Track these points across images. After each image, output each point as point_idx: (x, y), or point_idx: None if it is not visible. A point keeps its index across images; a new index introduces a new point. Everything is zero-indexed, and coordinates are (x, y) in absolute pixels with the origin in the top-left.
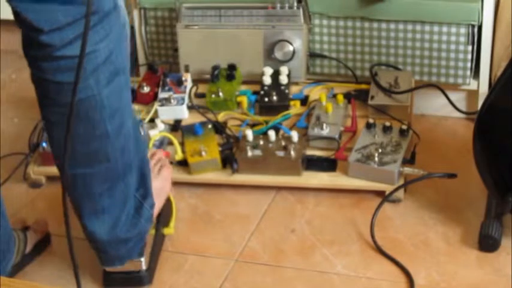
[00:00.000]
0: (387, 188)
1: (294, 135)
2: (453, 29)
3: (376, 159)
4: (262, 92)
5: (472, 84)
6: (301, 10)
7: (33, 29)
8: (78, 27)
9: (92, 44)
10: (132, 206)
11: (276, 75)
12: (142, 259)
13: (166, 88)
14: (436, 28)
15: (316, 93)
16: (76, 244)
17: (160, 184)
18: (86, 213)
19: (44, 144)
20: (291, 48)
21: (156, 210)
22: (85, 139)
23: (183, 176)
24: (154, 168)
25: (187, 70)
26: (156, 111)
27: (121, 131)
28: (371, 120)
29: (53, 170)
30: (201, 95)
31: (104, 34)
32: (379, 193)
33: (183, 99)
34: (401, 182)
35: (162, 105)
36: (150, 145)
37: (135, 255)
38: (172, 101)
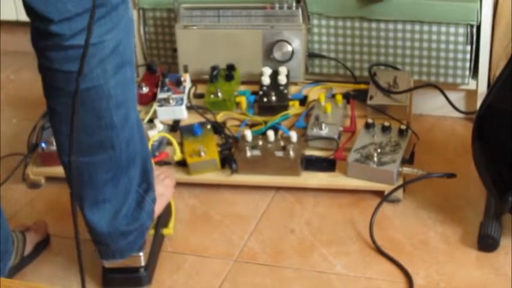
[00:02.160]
0: (386, 188)
1: (293, 136)
2: (452, 29)
3: (375, 159)
4: (261, 92)
5: (471, 84)
6: (299, 10)
7: (43, 19)
8: (88, 17)
9: (99, 35)
10: (134, 200)
11: (274, 75)
12: (141, 253)
13: (165, 88)
14: (434, 28)
15: (315, 93)
16: (75, 244)
17: (163, 189)
18: (88, 203)
19: (43, 145)
20: (289, 48)
21: (156, 213)
22: (91, 129)
23: (182, 177)
24: (158, 178)
25: (186, 70)
26: (155, 112)
27: (126, 123)
28: (370, 120)
29: (52, 170)
30: (199, 96)
31: (111, 26)
32: (378, 193)
33: (182, 99)
34: (400, 182)
35: (161, 105)
36: (149, 145)
37: (135, 249)
38: (171, 101)
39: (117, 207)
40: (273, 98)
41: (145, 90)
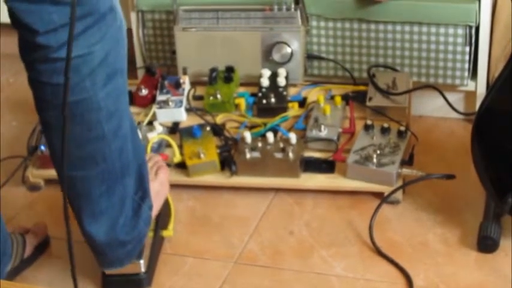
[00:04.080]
0: (386, 189)
1: (292, 137)
2: (450, 30)
3: (375, 160)
4: (260, 94)
5: (470, 85)
6: (298, 12)
7: (29, 30)
8: (75, 28)
9: (87, 45)
10: (130, 208)
11: (273, 77)
12: (141, 261)
13: (164, 91)
14: (433, 29)
15: (314, 94)
16: (75, 247)
17: (158, 186)
18: (84, 216)
19: (43, 147)
20: (288, 50)
21: (154, 212)
22: (81, 141)
23: (181, 179)
24: (151, 171)
25: (185, 72)
26: (154, 114)
27: (118, 133)
28: (369, 122)
29: (52, 173)
30: (199, 97)
31: (99, 36)
32: (378, 194)
33: (181, 101)
34: (400, 183)
35: (160, 107)
36: (149, 148)
37: (134, 257)
38: (170, 103)
39: (114, 218)
40: (272, 99)
41: (144, 92)
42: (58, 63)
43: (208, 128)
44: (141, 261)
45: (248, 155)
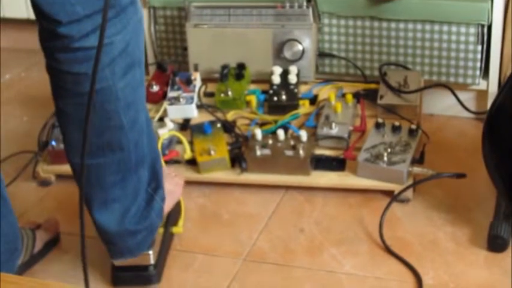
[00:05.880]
0: (396, 187)
1: (303, 135)
2: (463, 29)
3: (385, 158)
4: (271, 91)
5: (482, 84)
6: (310, 9)
7: (52, 21)
8: (97, 19)
9: (108, 36)
10: (143, 199)
11: (285, 74)
12: (151, 252)
13: (176, 87)
14: (445, 28)
15: (325, 92)
16: (87, 242)
17: (173, 187)
18: (96, 204)
19: (53, 143)
20: (300, 47)
21: (165, 211)
22: (99, 130)
23: (191, 175)
24: (169, 175)
25: (196, 69)
26: (165, 110)
27: (135, 124)
28: (380, 120)
29: (63, 168)
30: (210, 94)
31: (120, 27)
32: (388, 193)
33: (192, 98)
34: (410, 181)
35: (171, 104)
36: (159, 144)
37: (145, 248)
38: (181, 100)
39: (126, 207)
40: (283, 97)
41: (155, 88)
42: (79, 53)
43: (219, 125)
44: (151, 252)
45: (258, 152)
